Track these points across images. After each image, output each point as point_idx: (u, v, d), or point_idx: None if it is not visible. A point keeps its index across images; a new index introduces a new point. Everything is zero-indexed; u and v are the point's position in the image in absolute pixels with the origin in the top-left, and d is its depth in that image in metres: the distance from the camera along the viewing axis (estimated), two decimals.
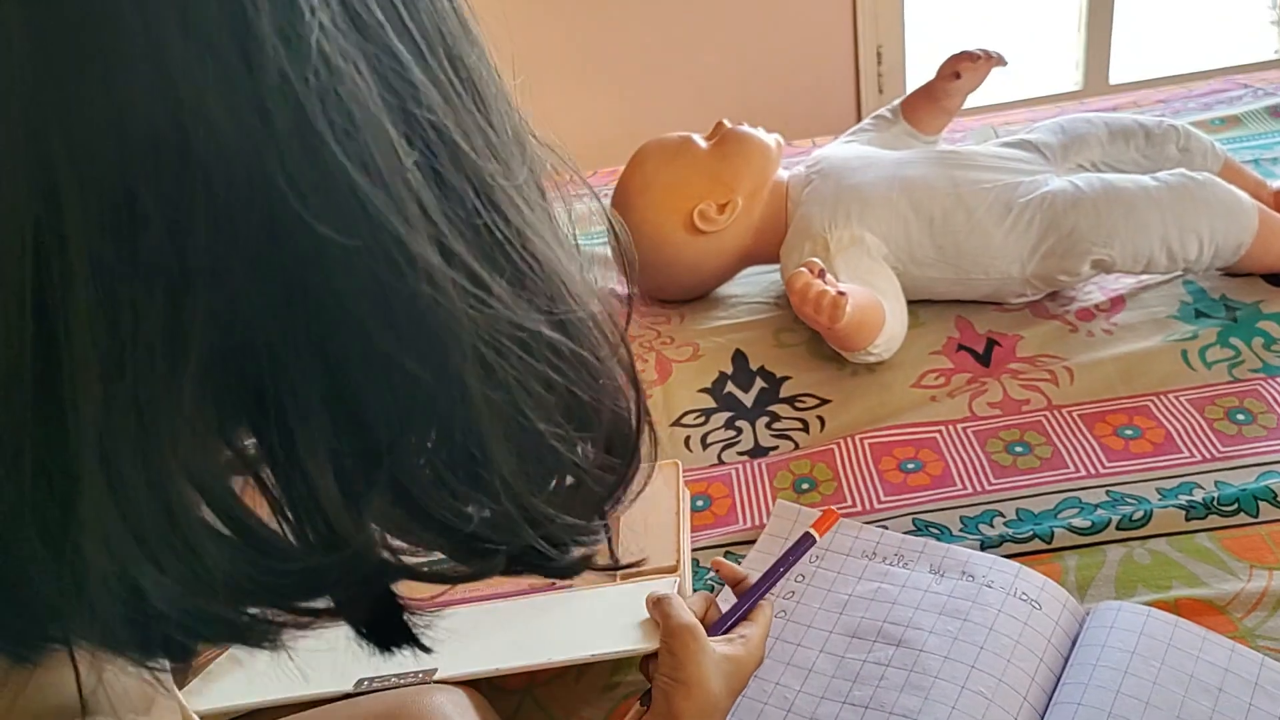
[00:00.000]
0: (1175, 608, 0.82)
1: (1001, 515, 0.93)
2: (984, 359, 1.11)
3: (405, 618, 0.38)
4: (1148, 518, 0.89)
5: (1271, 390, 1.01)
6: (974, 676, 0.75)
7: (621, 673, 0.85)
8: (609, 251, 1.03)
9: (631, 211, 1.18)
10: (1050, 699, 0.76)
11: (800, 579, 0.87)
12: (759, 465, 1.03)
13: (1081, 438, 0.99)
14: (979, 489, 0.96)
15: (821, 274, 1.01)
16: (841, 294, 0.99)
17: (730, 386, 1.14)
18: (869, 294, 1.06)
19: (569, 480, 0.38)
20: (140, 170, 0.27)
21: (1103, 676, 0.74)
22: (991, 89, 1.29)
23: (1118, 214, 1.08)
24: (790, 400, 1.11)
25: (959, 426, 1.03)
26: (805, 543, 0.81)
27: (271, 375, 0.30)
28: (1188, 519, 0.89)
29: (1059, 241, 1.10)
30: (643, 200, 1.18)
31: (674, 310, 1.27)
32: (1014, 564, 0.84)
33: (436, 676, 0.74)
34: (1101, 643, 0.77)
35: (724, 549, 0.94)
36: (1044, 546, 0.89)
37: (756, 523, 0.96)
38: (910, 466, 0.99)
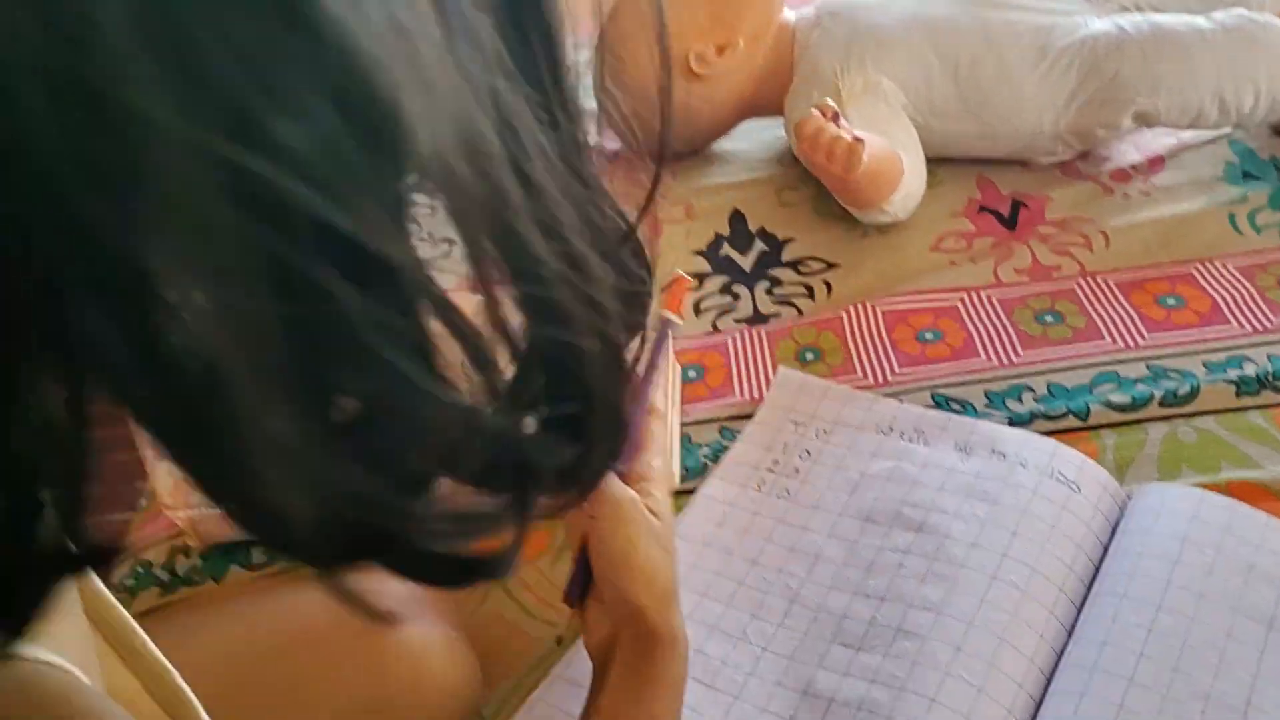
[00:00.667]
0: (1225, 491, 0.73)
1: (1031, 390, 0.83)
2: (1009, 222, 1.00)
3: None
4: (1194, 393, 0.80)
5: None
6: (1005, 565, 0.66)
7: None
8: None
9: (619, 52, 1.05)
10: (1089, 591, 0.67)
11: (805, 455, 0.78)
12: (758, 333, 0.93)
13: (1119, 307, 0.89)
14: (1006, 362, 0.86)
15: (835, 118, 0.90)
16: (858, 139, 0.87)
17: (727, 249, 1.03)
18: (885, 144, 0.94)
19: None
20: None
21: (1150, 566, 0.66)
22: None
23: (1166, 59, 0.96)
24: (794, 264, 1.00)
25: (983, 293, 0.93)
26: (664, 331, 0.63)
27: None
28: (1238, 395, 0.80)
29: (1099, 90, 0.98)
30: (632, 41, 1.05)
31: (665, 166, 1.14)
32: (1050, 441, 0.74)
33: None
34: (1148, 529, 0.68)
35: (718, 423, 0.84)
36: (1079, 424, 0.79)
37: (755, 395, 0.86)
38: (928, 336, 0.89)
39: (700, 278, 0.99)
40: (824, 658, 0.65)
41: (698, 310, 0.96)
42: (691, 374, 0.89)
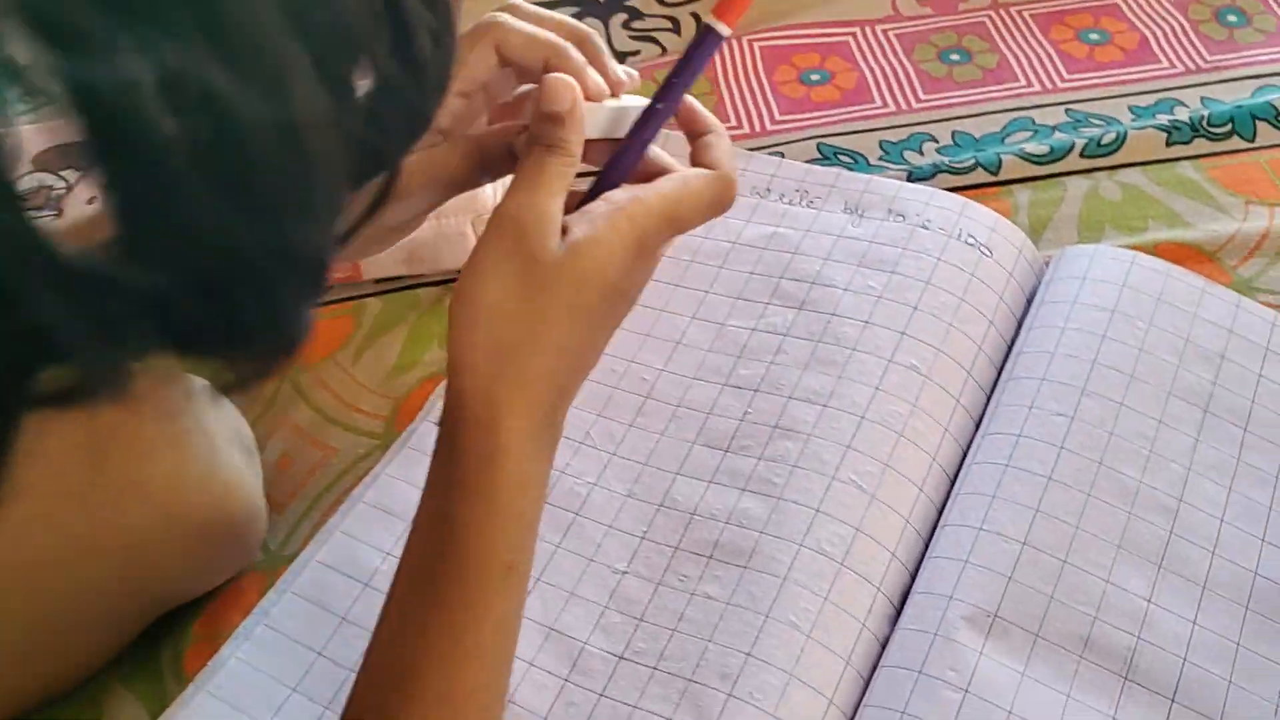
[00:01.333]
0: (1152, 254, 0.62)
1: (934, 140, 0.70)
2: None
3: None
4: (1119, 142, 0.68)
5: None
6: (905, 346, 0.55)
7: (421, 348, 0.62)
8: None
9: None
10: (1001, 373, 0.57)
11: None
12: None
13: (1034, 43, 0.76)
14: (904, 106, 0.72)
15: None
16: None
17: None
18: None
19: None
20: None
21: (1073, 343, 0.55)
22: None
23: None
24: None
25: (878, 29, 0.78)
26: (709, 41, 0.44)
27: None
28: (1169, 144, 0.68)
29: None
30: None
31: None
32: (956, 198, 0.62)
33: None
34: (1071, 298, 0.57)
35: None
36: (989, 178, 0.67)
37: None
38: (814, 78, 0.75)
39: None
40: (684, 463, 0.53)
41: None
42: None
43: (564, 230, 0.40)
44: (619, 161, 0.44)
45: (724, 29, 0.44)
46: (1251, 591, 0.48)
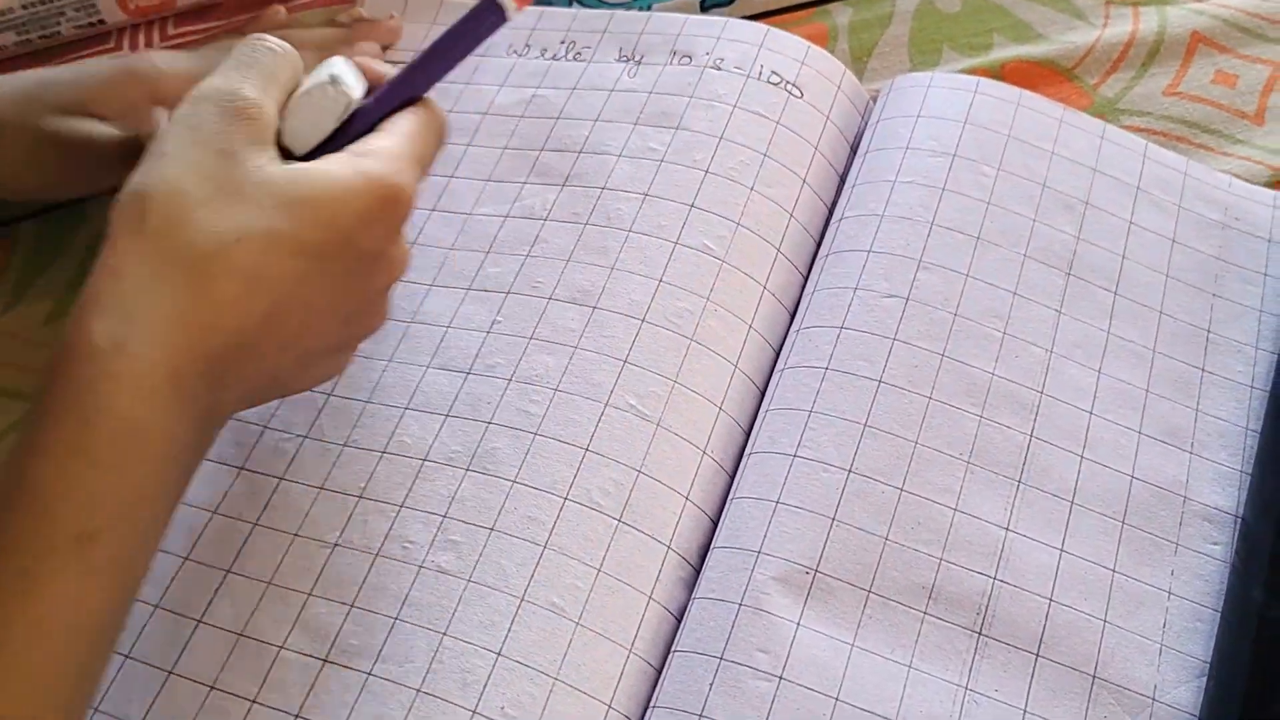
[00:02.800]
0: (1001, 77, 0.51)
1: None
2: None
3: None
4: None
5: None
6: (694, 222, 0.43)
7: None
8: None
9: None
10: (820, 244, 0.45)
11: None
12: None
13: None
14: None
15: None
16: None
17: None
18: None
19: None
20: None
21: (906, 199, 0.43)
22: None
23: None
24: None
25: None
26: (488, 14, 0.36)
27: None
28: None
29: None
30: None
31: None
32: (758, 26, 0.49)
33: None
34: (903, 143, 0.45)
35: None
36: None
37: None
38: None
39: None
40: (414, 394, 0.41)
41: None
42: None
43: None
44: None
45: (512, 7, 0.35)
46: (1127, 501, 0.38)
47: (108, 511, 0.29)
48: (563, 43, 0.50)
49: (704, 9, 0.53)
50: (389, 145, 0.34)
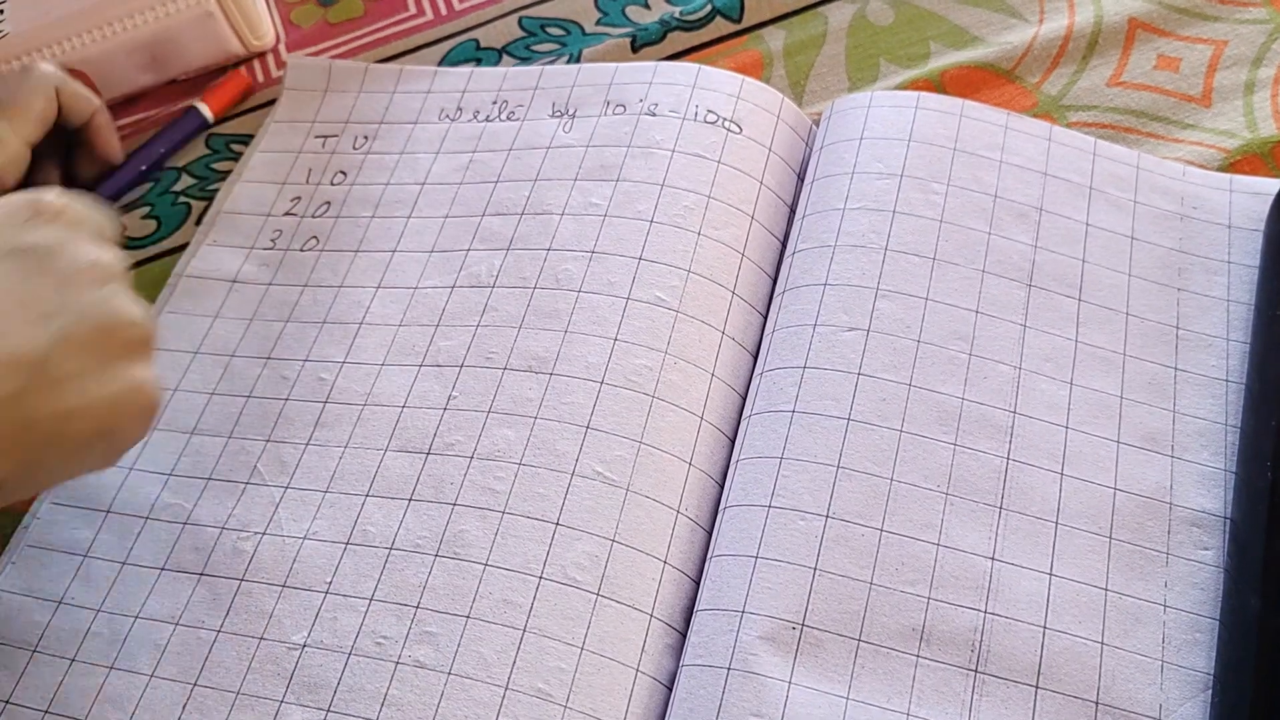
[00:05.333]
0: (940, 85, 0.50)
1: None
2: None
3: None
4: None
5: None
6: (644, 275, 0.42)
7: None
8: None
9: None
10: (775, 281, 0.44)
11: (340, 179, 0.49)
12: None
13: None
14: None
15: None
16: None
17: None
18: None
19: None
20: None
21: (858, 226, 0.43)
22: None
23: None
24: None
25: None
26: (188, 123, 0.43)
27: None
28: None
29: None
30: None
31: None
32: (688, 66, 0.48)
33: None
34: (848, 168, 0.45)
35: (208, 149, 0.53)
36: (731, 28, 0.53)
37: (265, 77, 0.56)
38: None
39: None
40: (374, 480, 0.40)
41: None
42: None
43: None
44: None
45: (208, 113, 0.45)
46: (1113, 515, 0.37)
47: None
48: (494, 103, 0.49)
49: (635, 49, 0.52)
50: None
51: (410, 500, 0.39)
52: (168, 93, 0.55)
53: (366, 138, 0.50)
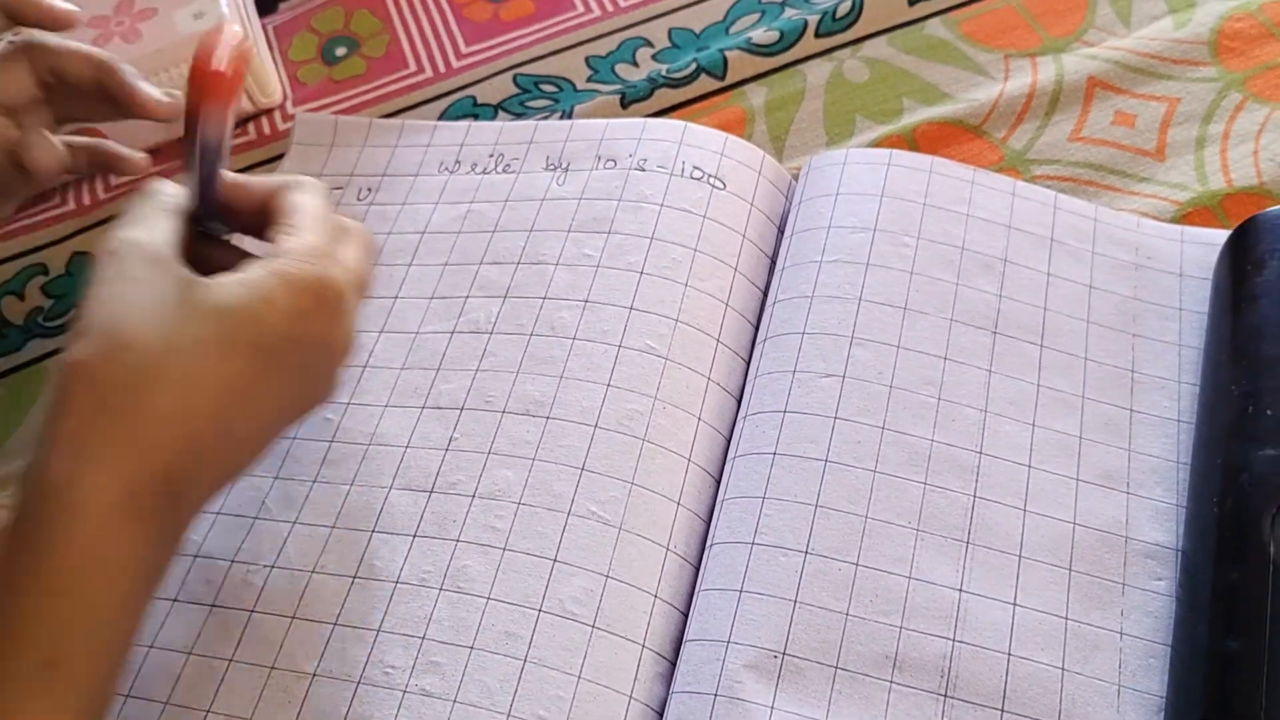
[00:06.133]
0: (913, 140, 0.53)
1: (648, 44, 0.59)
2: None
3: None
4: (856, 10, 0.58)
5: None
6: (635, 324, 0.45)
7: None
8: None
9: None
10: (757, 329, 0.47)
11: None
12: (265, 28, 0.63)
13: None
14: (609, 8, 0.61)
15: None
16: None
17: None
18: None
19: None
20: None
21: (834, 278, 0.46)
22: None
23: None
24: None
25: None
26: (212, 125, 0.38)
27: None
28: (912, 1, 0.59)
29: None
30: None
31: None
32: (675, 124, 0.51)
33: None
34: (825, 223, 0.48)
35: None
36: (716, 85, 0.56)
37: (271, 131, 0.58)
38: None
39: None
40: (379, 516, 0.42)
41: None
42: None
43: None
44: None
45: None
46: (1072, 549, 0.40)
47: (72, 638, 0.30)
48: (491, 156, 0.52)
49: (624, 106, 0.55)
50: (297, 244, 0.36)
51: (415, 536, 0.41)
52: (179, 147, 0.58)
53: (370, 189, 0.53)
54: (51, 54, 0.44)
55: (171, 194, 0.38)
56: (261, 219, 0.38)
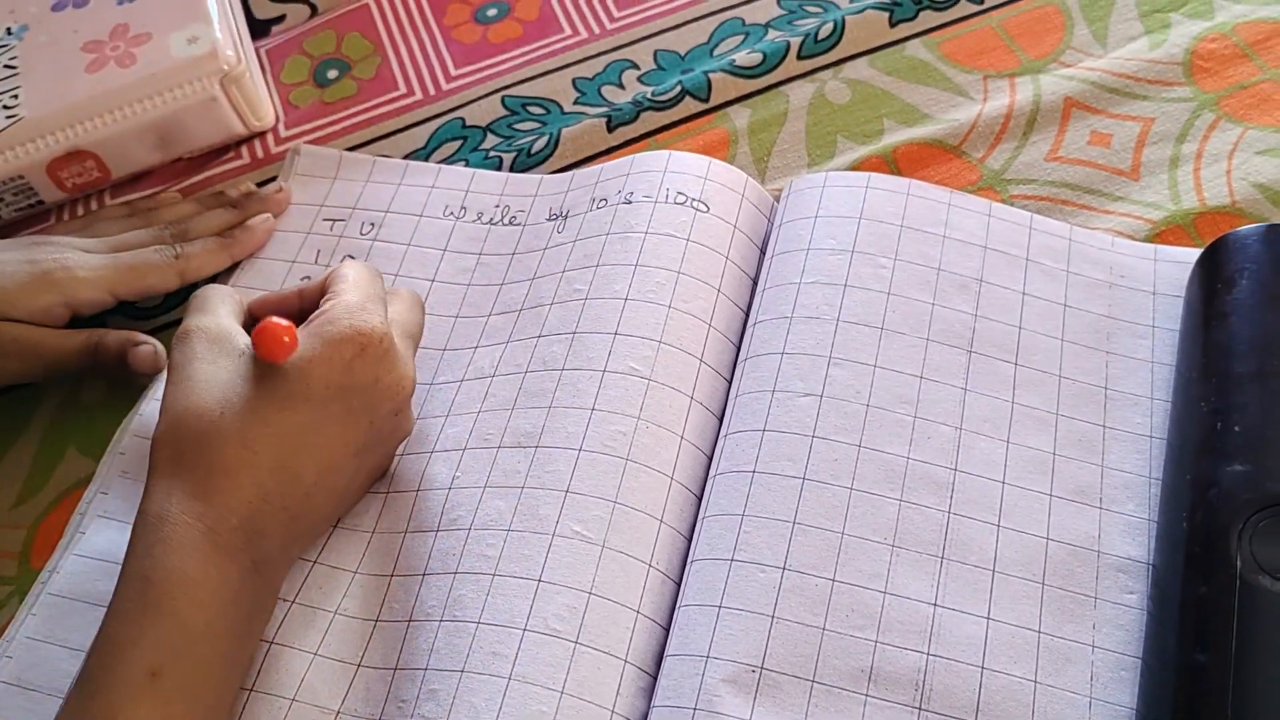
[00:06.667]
0: (894, 162, 0.54)
1: (634, 66, 0.60)
2: None
3: None
4: (838, 32, 0.59)
5: None
6: (619, 349, 0.46)
7: (53, 456, 0.50)
8: None
9: None
10: (740, 349, 0.48)
11: (349, 258, 0.53)
12: (258, 52, 0.64)
13: None
14: (596, 30, 0.62)
15: None
16: None
17: None
18: None
19: None
20: None
21: (813, 300, 0.47)
22: None
23: None
24: None
25: None
26: None
27: None
28: (892, 23, 0.60)
29: None
30: None
31: None
32: (660, 155, 0.52)
33: None
34: (804, 244, 0.49)
35: None
36: (700, 107, 0.57)
37: (265, 154, 0.59)
38: (491, 13, 0.63)
39: None
40: (397, 560, 0.43)
41: None
42: None
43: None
44: None
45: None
46: (1045, 563, 0.41)
47: (171, 650, 0.35)
48: (497, 206, 0.54)
49: (610, 129, 0.56)
50: (334, 304, 0.42)
51: (424, 575, 0.42)
52: (173, 170, 0.59)
53: (374, 225, 0.54)
54: (72, 288, 0.50)
55: (227, 289, 0.44)
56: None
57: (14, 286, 0.48)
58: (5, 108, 0.55)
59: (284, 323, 0.39)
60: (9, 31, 0.58)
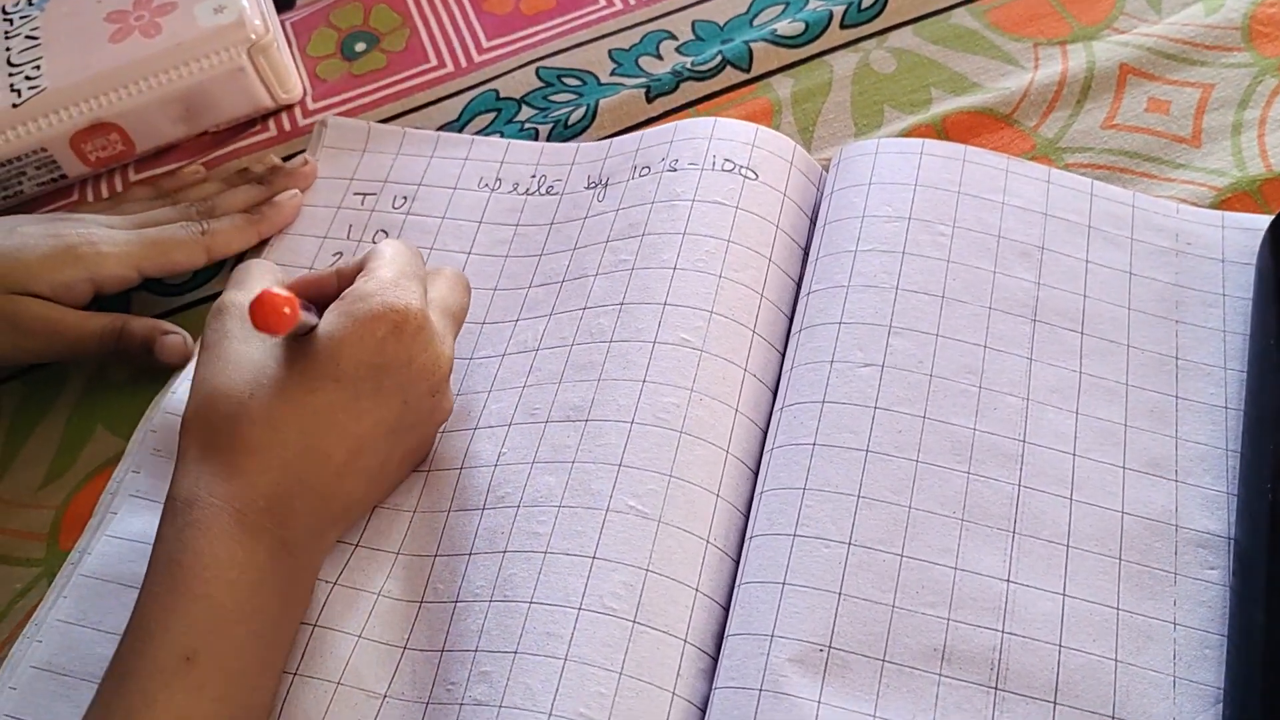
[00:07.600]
0: (942, 130, 0.52)
1: (672, 36, 0.58)
2: None
3: None
4: (882, 1, 0.57)
5: None
6: (669, 319, 0.44)
7: (82, 436, 0.48)
8: None
9: None
10: (792, 320, 0.46)
11: (382, 237, 0.51)
12: (284, 24, 0.62)
13: None
14: (631, 1, 0.60)
15: None
16: None
17: None
18: None
19: None
20: None
21: (869, 267, 0.45)
22: None
23: None
24: None
25: None
26: None
27: None
28: None
29: None
30: None
31: None
32: (704, 121, 0.50)
33: None
34: (859, 212, 0.47)
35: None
36: (741, 77, 0.56)
37: (291, 127, 0.58)
38: None
39: None
40: (441, 539, 0.42)
41: None
42: None
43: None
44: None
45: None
46: (1121, 537, 0.39)
47: (204, 633, 0.34)
48: (533, 177, 0.52)
49: (649, 100, 0.55)
50: (366, 281, 0.40)
51: (470, 555, 0.41)
52: (198, 143, 0.57)
53: (406, 198, 0.52)
54: (96, 263, 0.48)
55: (269, 264, 0.43)
56: None
57: (36, 259, 0.46)
58: (28, 78, 0.53)
59: (284, 293, 0.35)
60: (30, 2, 0.57)
